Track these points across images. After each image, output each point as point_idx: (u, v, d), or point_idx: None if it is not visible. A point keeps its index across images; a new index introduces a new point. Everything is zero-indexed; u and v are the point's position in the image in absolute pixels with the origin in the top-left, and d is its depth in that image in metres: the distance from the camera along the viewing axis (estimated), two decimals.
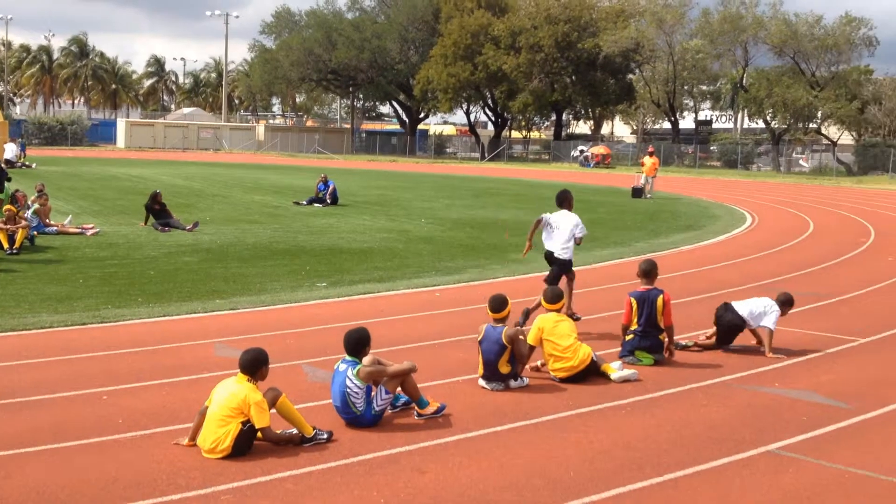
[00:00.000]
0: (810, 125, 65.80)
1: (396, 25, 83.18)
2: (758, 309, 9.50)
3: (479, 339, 8.09)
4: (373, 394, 6.89)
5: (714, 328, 9.71)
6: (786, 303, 9.59)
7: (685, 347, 9.51)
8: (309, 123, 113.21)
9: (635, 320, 8.97)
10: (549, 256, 10.82)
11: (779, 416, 7.28)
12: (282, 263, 14.97)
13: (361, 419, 6.82)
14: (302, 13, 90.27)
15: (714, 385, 8.23)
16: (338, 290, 12.63)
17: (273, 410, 6.36)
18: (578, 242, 10.86)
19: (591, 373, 8.27)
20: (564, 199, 10.98)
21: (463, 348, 9.22)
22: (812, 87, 59.86)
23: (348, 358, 6.98)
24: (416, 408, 7.13)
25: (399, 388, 7.08)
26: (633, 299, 9.04)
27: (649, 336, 8.92)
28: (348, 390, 6.78)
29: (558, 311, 8.57)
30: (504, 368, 7.90)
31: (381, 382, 6.93)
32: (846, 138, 69.06)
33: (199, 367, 8.37)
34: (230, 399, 6.22)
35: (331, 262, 15.24)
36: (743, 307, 9.55)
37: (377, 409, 6.88)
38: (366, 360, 7.02)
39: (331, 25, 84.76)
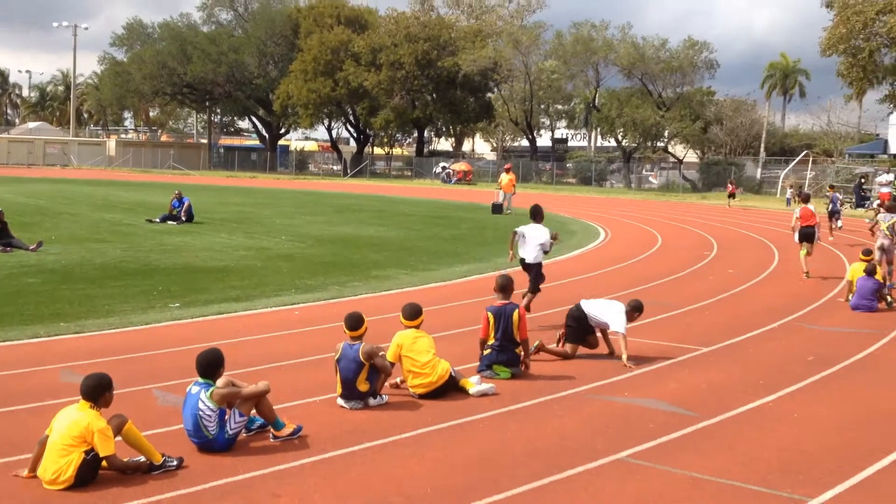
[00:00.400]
0: (658, 144, 68.88)
1: (254, 39, 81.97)
2: (603, 308, 9.91)
3: (336, 357, 8.01)
4: (227, 416, 6.71)
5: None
6: (635, 309, 10.02)
7: (536, 350, 9.77)
8: (164, 138, 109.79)
9: (492, 335, 9.10)
10: (523, 263, 12.12)
11: (628, 424, 7.53)
12: (132, 284, 14.40)
13: (214, 443, 6.62)
14: (155, 25, 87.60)
15: (568, 396, 8.44)
16: (192, 311, 12.25)
17: (119, 438, 6.10)
18: (547, 251, 12.14)
19: (450, 388, 8.32)
20: (536, 213, 12.19)
21: (321, 368, 9.11)
22: (659, 108, 62.70)
23: (201, 380, 6.78)
24: (271, 430, 6.98)
25: (254, 411, 6.92)
26: (489, 314, 9.18)
27: (506, 350, 9.07)
28: (200, 413, 6.58)
29: (417, 327, 8.58)
30: (362, 386, 7.85)
31: (236, 405, 6.76)
32: (691, 156, 72.66)
33: (42, 394, 7.94)
34: (72, 427, 5.93)
35: (185, 282, 14.78)
36: (590, 305, 10.00)
37: (231, 432, 6.70)
38: (220, 381, 6.83)
39: (185, 38, 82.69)
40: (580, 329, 9.98)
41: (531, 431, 7.31)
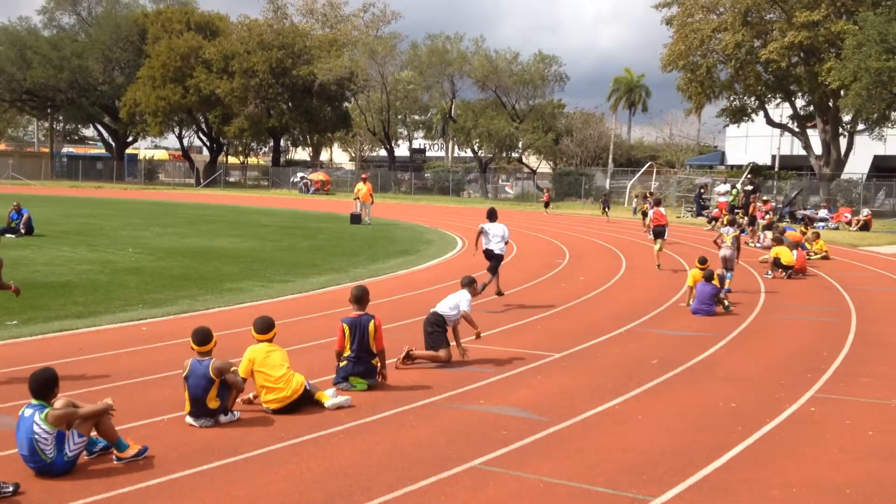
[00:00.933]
0: (513, 154, 70.50)
1: (99, 45, 78.71)
2: (453, 300, 10.55)
3: (184, 374, 7.75)
4: (66, 438, 6.38)
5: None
6: (470, 283, 10.96)
7: (407, 357, 10.09)
8: (1, 147, 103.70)
9: (348, 346, 9.05)
10: (489, 253, 14.94)
11: (482, 432, 7.64)
12: None
13: (52, 467, 6.28)
14: None
15: (424, 406, 8.48)
16: (31, 329, 11.61)
17: None
18: (507, 241, 15.14)
19: (305, 402, 8.21)
20: (494, 214, 15.27)
21: (169, 385, 8.81)
22: (513, 119, 64.22)
23: (35, 402, 6.42)
24: (115, 451, 6.69)
25: (94, 432, 6.61)
26: (345, 325, 9.13)
27: (362, 361, 9.04)
28: (36, 437, 6.23)
29: (269, 340, 8.41)
30: (212, 403, 7.63)
31: (74, 425, 6.44)
32: (545, 167, 74.77)
33: None
34: None
35: (23, 298, 13.84)
36: (442, 307, 10.49)
37: (70, 454, 6.37)
38: (57, 402, 6.49)
39: (25, 43, 78.48)
40: (441, 333, 10.26)
41: (387, 443, 7.30)
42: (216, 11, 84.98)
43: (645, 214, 28.16)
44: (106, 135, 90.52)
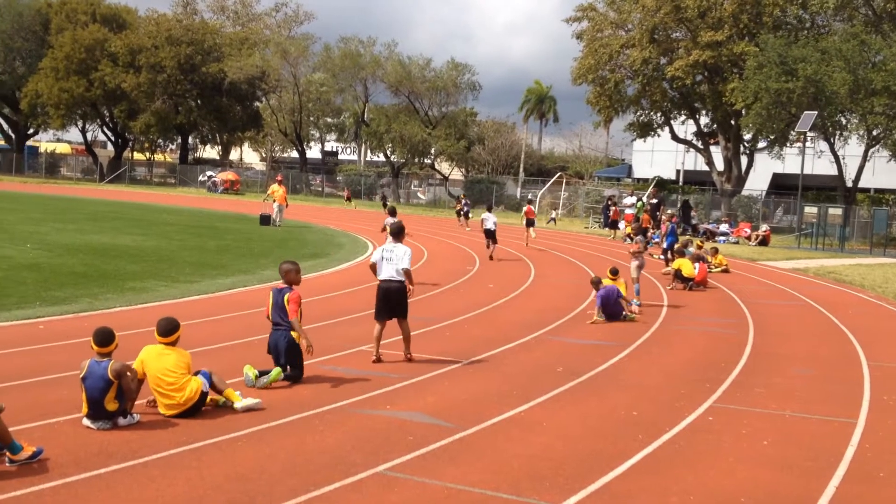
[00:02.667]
0: (425, 160, 70.74)
1: None
2: (398, 262, 10.58)
3: (81, 375, 7.52)
4: None
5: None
6: (401, 231, 10.97)
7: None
8: None
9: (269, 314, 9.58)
10: (488, 232, 25.14)
11: (388, 437, 7.63)
12: None
13: None
14: None
15: (330, 410, 8.42)
16: None
17: None
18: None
19: (202, 406, 8.06)
20: (490, 206, 24.75)
21: (66, 385, 8.53)
22: (426, 125, 64.44)
23: None
24: (7, 454, 6.44)
25: None
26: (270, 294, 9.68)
27: (280, 330, 9.47)
28: None
29: (171, 343, 8.18)
30: (111, 406, 7.42)
31: None
32: (457, 174, 75.23)
33: None
34: None
35: None
36: (391, 269, 10.61)
37: None
38: None
39: None
40: (400, 299, 10.63)
41: (291, 447, 7.22)
42: (123, 4, 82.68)
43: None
44: (5, 126, 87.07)
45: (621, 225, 38.27)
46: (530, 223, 30.49)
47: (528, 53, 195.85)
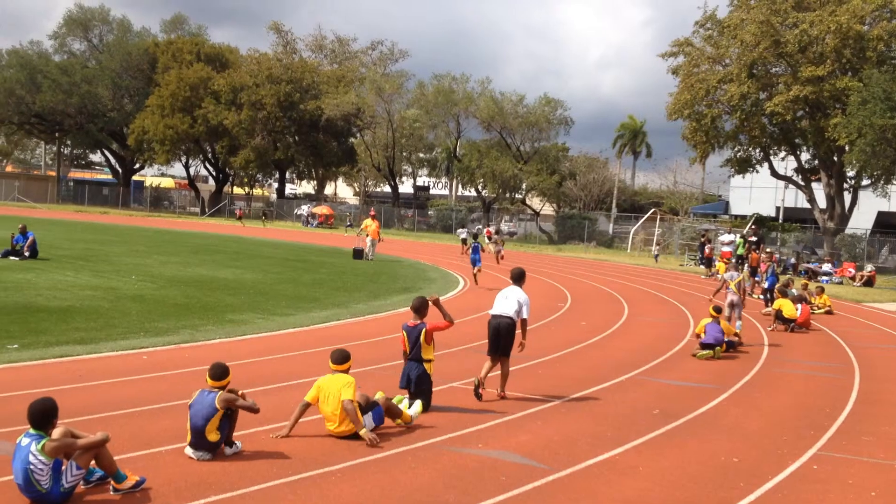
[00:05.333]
0: (517, 195, 70.74)
1: (109, 72, 79.53)
2: (516, 303, 10.79)
3: (189, 402, 7.73)
4: (63, 468, 6.32)
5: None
6: (521, 276, 11.24)
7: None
8: (9, 169, 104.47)
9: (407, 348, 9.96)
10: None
11: (481, 476, 7.57)
12: None
13: (48, 498, 6.23)
14: (2, 52, 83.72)
15: (423, 447, 8.41)
16: (31, 353, 11.56)
17: None
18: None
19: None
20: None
21: (169, 415, 8.76)
22: (517, 161, 64.51)
23: (32, 431, 6.37)
24: (112, 482, 6.63)
25: (93, 462, 6.56)
26: (404, 331, 10.03)
27: (415, 367, 9.86)
28: (32, 467, 6.18)
29: (345, 371, 8.76)
30: (212, 436, 7.58)
31: (73, 457, 6.39)
32: (548, 209, 74.97)
33: None
34: None
35: (25, 322, 13.95)
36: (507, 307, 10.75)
37: (67, 485, 6.31)
38: (56, 432, 6.44)
39: (35, 67, 79.34)
40: (508, 337, 10.72)
41: (384, 484, 7.23)
42: (226, 44, 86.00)
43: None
44: (113, 161, 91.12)
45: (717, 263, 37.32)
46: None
47: (619, 88, 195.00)
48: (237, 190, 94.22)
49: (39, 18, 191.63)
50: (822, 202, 48.94)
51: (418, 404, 9.40)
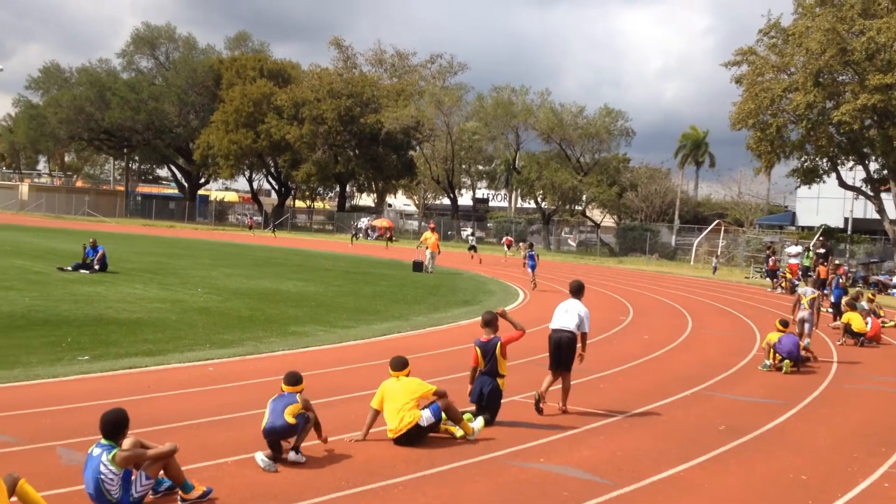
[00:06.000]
0: (576, 207, 70.30)
1: (175, 88, 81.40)
2: (577, 317, 10.77)
3: (265, 412, 8.14)
4: (133, 478, 6.47)
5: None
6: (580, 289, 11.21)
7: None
8: (79, 184, 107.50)
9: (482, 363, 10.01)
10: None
11: (543, 492, 7.52)
12: (40, 335, 13.89)
13: None
14: (73, 70, 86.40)
15: (484, 461, 8.39)
16: (101, 365, 11.86)
17: (14, 498, 5.80)
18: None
19: (420, 435, 8.79)
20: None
21: (234, 426, 8.90)
22: (577, 172, 64.12)
23: (104, 441, 6.54)
24: (179, 492, 6.76)
25: (162, 472, 6.70)
26: (477, 348, 10.07)
27: (489, 381, 9.90)
28: (102, 477, 6.33)
29: (405, 375, 9.08)
30: (290, 419, 7.97)
31: (143, 467, 6.53)
32: (609, 221, 74.33)
33: None
34: None
35: (95, 334, 14.32)
36: (568, 321, 10.69)
37: (136, 495, 6.46)
38: (126, 442, 6.59)
39: (104, 84, 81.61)
40: (569, 352, 10.66)
41: (446, 497, 7.24)
42: (288, 60, 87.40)
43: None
44: (179, 175, 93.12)
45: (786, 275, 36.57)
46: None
47: (681, 97, 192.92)
48: (299, 203, 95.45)
49: (108, 37, 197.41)
50: (892, 213, 47.61)
51: (481, 420, 9.43)
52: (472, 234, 59.94)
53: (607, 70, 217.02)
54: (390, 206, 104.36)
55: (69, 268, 25.00)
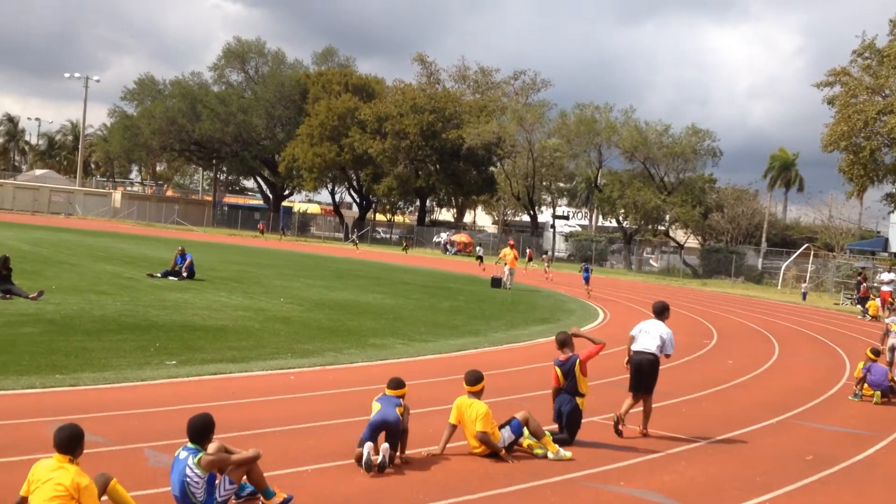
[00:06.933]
0: (659, 227, 69.27)
1: (263, 102, 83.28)
2: (660, 337, 10.62)
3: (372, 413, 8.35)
4: (216, 482, 6.59)
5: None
6: (665, 309, 11.03)
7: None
8: (169, 193, 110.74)
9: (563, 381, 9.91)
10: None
11: None
12: (130, 339, 14.31)
13: None
14: (166, 82, 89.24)
15: (562, 482, 8.29)
16: (187, 370, 12.14)
17: (104, 497, 5.95)
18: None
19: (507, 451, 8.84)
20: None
21: (314, 435, 9.00)
22: (661, 191, 63.21)
23: (190, 445, 6.67)
24: (261, 498, 6.86)
25: (245, 478, 6.81)
26: (557, 368, 9.94)
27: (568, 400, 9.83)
28: (188, 480, 6.46)
29: (475, 393, 9.04)
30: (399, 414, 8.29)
31: (226, 471, 6.65)
32: (692, 241, 72.98)
33: (33, 447, 7.79)
34: (54, 487, 5.68)
35: (182, 340, 14.69)
36: (650, 342, 10.55)
37: (220, 499, 6.57)
38: (211, 447, 6.72)
39: (196, 97, 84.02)
40: (651, 375, 10.55)
41: None
42: (373, 75, 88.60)
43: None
44: (264, 187, 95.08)
45: (878, 302, 35.32)
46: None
47: (769, 117, 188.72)
48: (379, 216, 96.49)
49: (200, 51, 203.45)
50: None
51: (569, 453, 9.15)
52: (479, 245, 62.58)
53: (694, 88, 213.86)
54: (482, 228, 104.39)
55: (158, 274, 25.73)
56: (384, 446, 8.04)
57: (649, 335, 10.63)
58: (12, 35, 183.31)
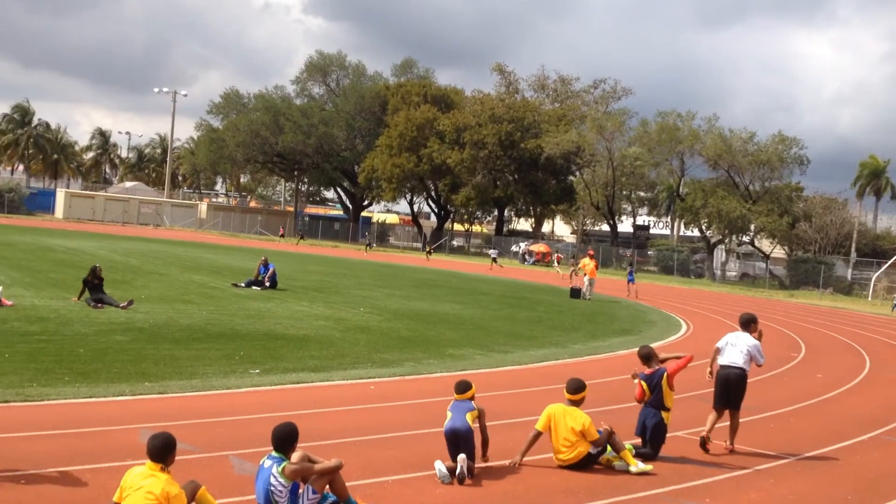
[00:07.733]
0: (744, 237, 67.69)
1: (344, 114, 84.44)
2: (746, 351, 10.42)
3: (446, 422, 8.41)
4: (300, 492, 6.68)
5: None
6: (753, 320, 10.86)
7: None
8: (252, 204, 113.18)
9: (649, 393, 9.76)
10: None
11: None
12: (215, 347, 14.65)
13: None
14: (250, 96, 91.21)
15: (645, 497, 8.16)
16: (271, 378, 12.37)
17: None
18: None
19: (588, 464, 8.83)
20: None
21: (394, 445, 9.05)
22: (745, 200, 61.77)
23: (275, 454, 6.79)
24: None
25: (327, 487, 6.88)
26: (643, 381, 9.78)
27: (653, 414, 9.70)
28: (272, 488, 6.57)
29: (575, 402, 8.99)
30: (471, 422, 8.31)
31: (309, 480, 6.74)
32: (778, 252, 71.14)
33: (122, 454, 8.04)
34: (145, 496, 5.83)
35: (266, 349, 14.97)
36: (737, 356, 10.35)
37: None
38: (295, 456, 6.82)
39: (279, 110, 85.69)
40: (739, 389, 10.33)
41: None
42: (452, 86, 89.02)
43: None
44: (344, 197, 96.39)
45: None
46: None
47: (858, 124, 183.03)
48: (457, 226, 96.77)
49: (283, 65, 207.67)
50: None
51: (650, 466, 9.07)
52: (493, 248, 64.28)
53: (780, 95, 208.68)
54: (560, 238, 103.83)
55: (242, 284, 26.27)
56: (461, 457, 8.03)
57: (736, 348, 10.40)
58: (104, 52, 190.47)
